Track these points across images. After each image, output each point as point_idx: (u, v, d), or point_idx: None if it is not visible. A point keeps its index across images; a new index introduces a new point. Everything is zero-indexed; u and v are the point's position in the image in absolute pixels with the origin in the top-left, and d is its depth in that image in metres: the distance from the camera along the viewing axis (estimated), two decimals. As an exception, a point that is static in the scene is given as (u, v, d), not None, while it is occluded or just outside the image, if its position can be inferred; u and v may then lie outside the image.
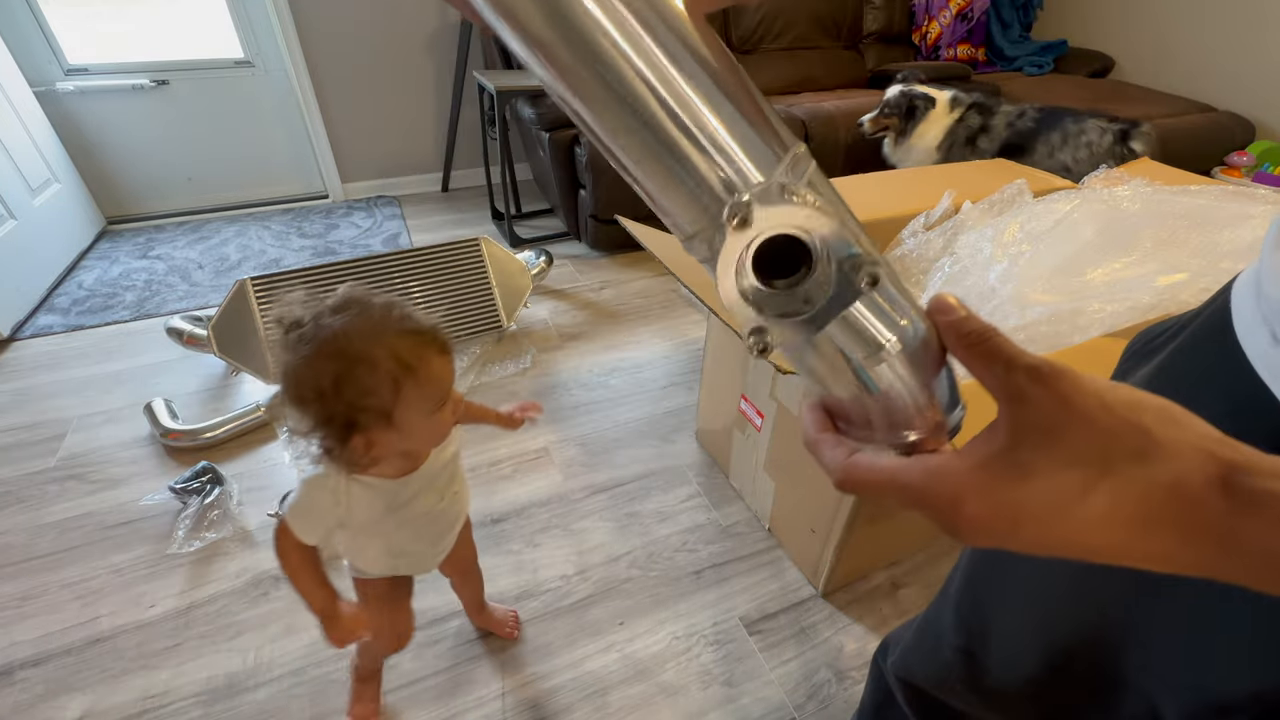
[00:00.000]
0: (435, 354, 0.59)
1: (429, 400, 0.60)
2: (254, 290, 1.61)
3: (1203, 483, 0.19)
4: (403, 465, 0.69)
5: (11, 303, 1.94)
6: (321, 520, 0.67)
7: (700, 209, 0.22)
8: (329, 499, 0.65)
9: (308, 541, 0.67)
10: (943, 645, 0.56)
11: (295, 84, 2.59)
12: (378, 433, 0.60)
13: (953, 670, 0.55)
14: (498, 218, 2.69)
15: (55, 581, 1.18)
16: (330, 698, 1.01)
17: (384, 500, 0.68)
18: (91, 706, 0.99)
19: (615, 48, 0.20)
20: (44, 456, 1.46)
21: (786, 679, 1.05)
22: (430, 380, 0.59)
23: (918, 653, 0.62)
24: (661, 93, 0.21)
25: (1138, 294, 0.95)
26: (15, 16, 2.25)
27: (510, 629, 1.09)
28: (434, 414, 0.62)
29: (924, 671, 0.62)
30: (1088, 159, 1.96)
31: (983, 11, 3.14)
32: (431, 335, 0.59)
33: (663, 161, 0.22)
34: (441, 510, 0.76)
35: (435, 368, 0.59)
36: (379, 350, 0.56)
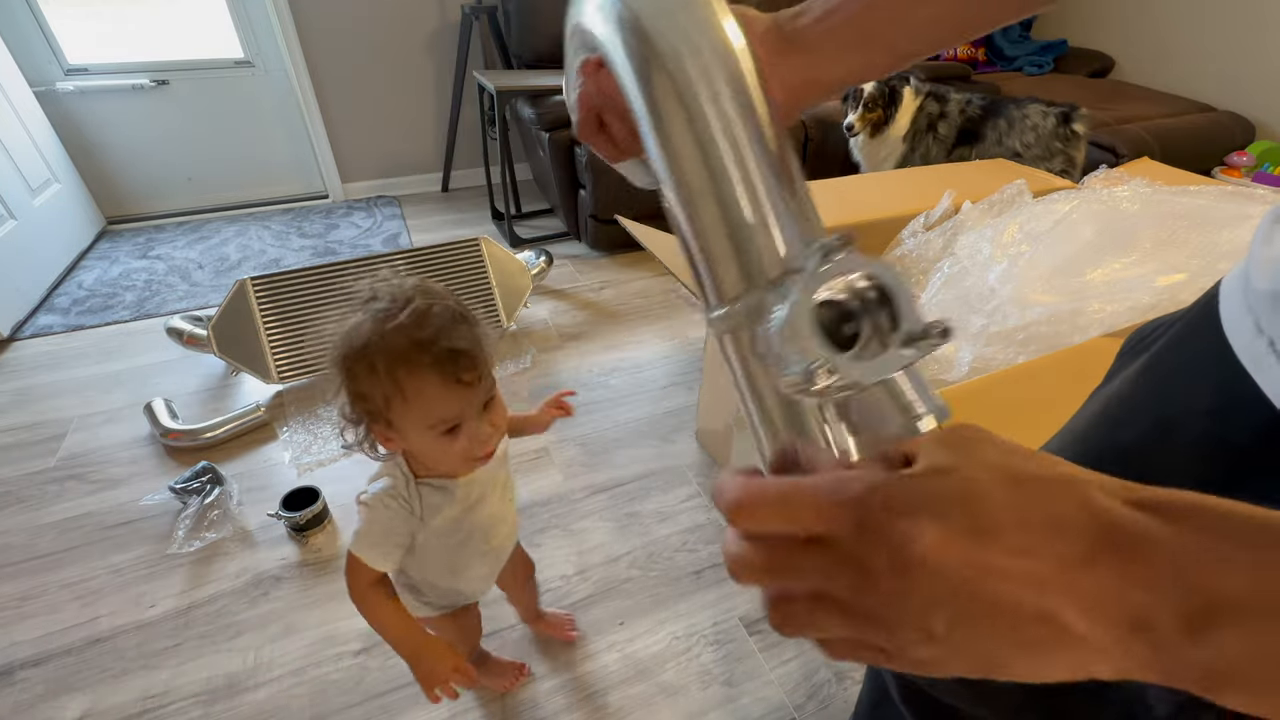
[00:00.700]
0: (434, 378, 0.55)
1: (421, 420, 0.57)
2: (254, 290, 1.61)
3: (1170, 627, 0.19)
4: (466, 467, 0.66)
5: (11, 303, 1.94)
6: (394, 537, 0.64)
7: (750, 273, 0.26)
8: (401, 512, 0.63)
9: (382, 568, 0.64)
10: None
11: (295, 84, 2.59)
12: (382, 430, 0.60)
13: None
14: (498, 218, 2.69)
15: (55, 581, 1.18)
16: (330, 698, 1.01)
17: (458, 504, 0.67)
18: (91, 706, 0.99)
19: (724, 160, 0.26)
20: (44, 456, 1.46)
21: (786, 679, 1.05)
22: (420, 402, 0.56)
23: None
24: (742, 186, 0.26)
25: (1137, 294, 0.95)
26: (15, 16, 2.25)
27: (569, 631, 1.08)
28: (439, 435, 0.58)
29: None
30: (1035, 142, 1.99)
31: (982, 11, 3.14)
32: (434, 354, 0.55)
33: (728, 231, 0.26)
34: (503, 515, 0.74)
35: (428, 385, 0.55)
36: (381, 359, 0.55)
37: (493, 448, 0.62)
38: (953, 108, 2.12)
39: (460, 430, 0.59)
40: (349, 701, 1.00)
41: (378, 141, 2.86)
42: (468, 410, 0.58)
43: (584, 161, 2.18)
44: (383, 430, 0.60)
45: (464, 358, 0.56)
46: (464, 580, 0.78)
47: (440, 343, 0.55)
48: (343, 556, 1.25)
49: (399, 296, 0.57)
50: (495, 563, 0.81)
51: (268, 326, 1.62)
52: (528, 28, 2.43)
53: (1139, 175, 1.37)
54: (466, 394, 0.57)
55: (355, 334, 0.56)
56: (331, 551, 1.25)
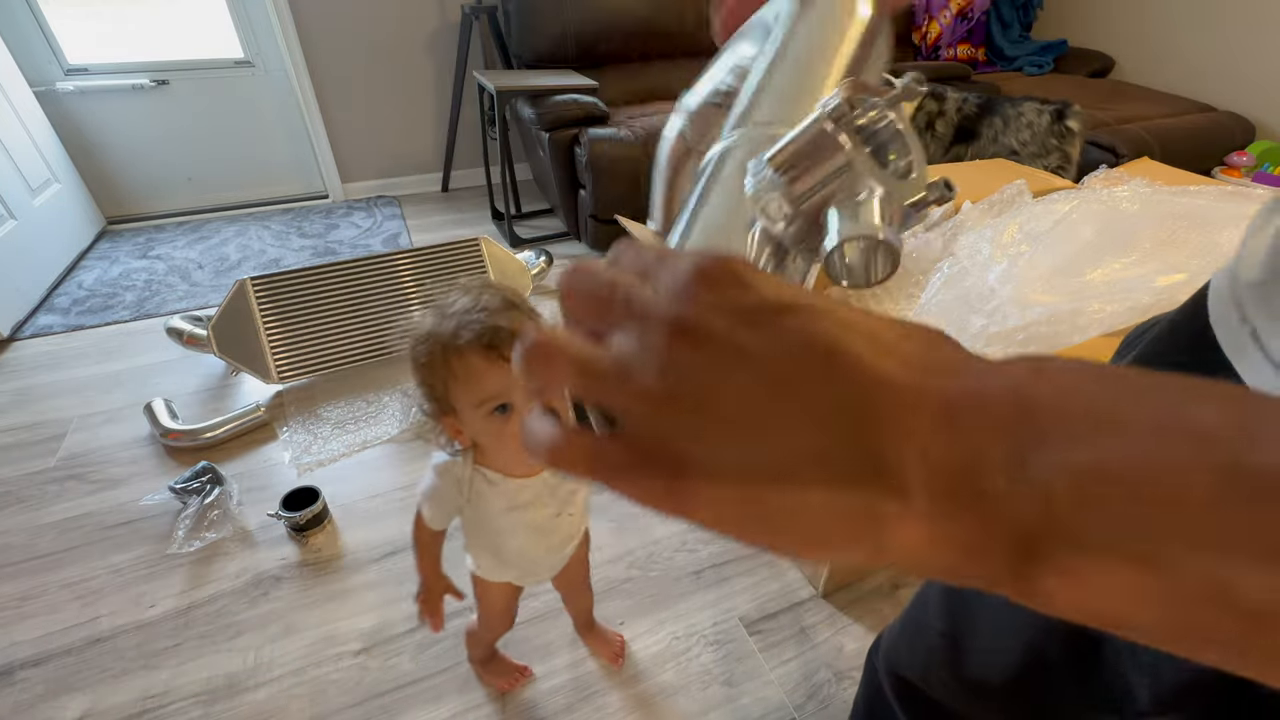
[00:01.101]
0: (475, 352, 0.59)
1: (469, 397, 0.61)
2: (254, 290, 1.61)
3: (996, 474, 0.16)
4: (522, 466, 0.69)
5: (11, 303, 1.94)
6: (445, 506, 0.71)
7: None
8: (453, 486, 0.69)
9: (434, 528, 0.74)
10: (927, 630, 0.57)
11: (295, 84, 2.59)
12: (451, 421, 0.65)
13: (936, 656, 0.55)
14: (498, 218, 2.69)
15: (55, 581, 1.18)
16: (330, 698, 1.01)
17: (503, 499, 0.71)
18: (91, 706, 0.99)
19: None
20: (44, 456, 1.46)
21: (786, 679, 1.05)
22: (466, 376, 0.60)
23: (904, 641, 0.63)
24: None
25: (1137, 294, 0.95)
26: (15, 16, 2.25)
27: (617, 655, 1.06)
28: (490, 415, 0.62)
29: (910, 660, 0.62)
30: (1031, 139, 2.00)
31: (983, 11, 3.14)
32: (478, 333, 0.59)
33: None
34: (554, 527, 0.77)
35: (472, 364, 0.60)
36: (436, 345, 0.61)
37: None
38: (950, 106, 2.13)
39: (511, 412, 0.62)
40: (349, 701, 1.00)
41: (378, 141, 2.86)
42: (514, 389, 0.61)
43: (584, 161, 2.18)
44: (451, 422, 0.65)
45: (505, 334, 0.59)
46: (506, 568, 0.83)
47: (486, 321, 0.59)
48: (342, 556, 1.25)
49: (457, 295, 0.63)
50: (536, 568, 0.84)
51: (268, 326, 1.62)
52: (528, 28, 2.43)
53: (1139, 175, 1.37)
54: (509, 369, 0.58)
55: (419, 332, 0.62)
56: (332, 551, 1.25)
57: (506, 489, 0.70)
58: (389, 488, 1.39)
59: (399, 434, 1.53)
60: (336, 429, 1.54)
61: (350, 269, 1.72)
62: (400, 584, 1.18)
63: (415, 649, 1.08)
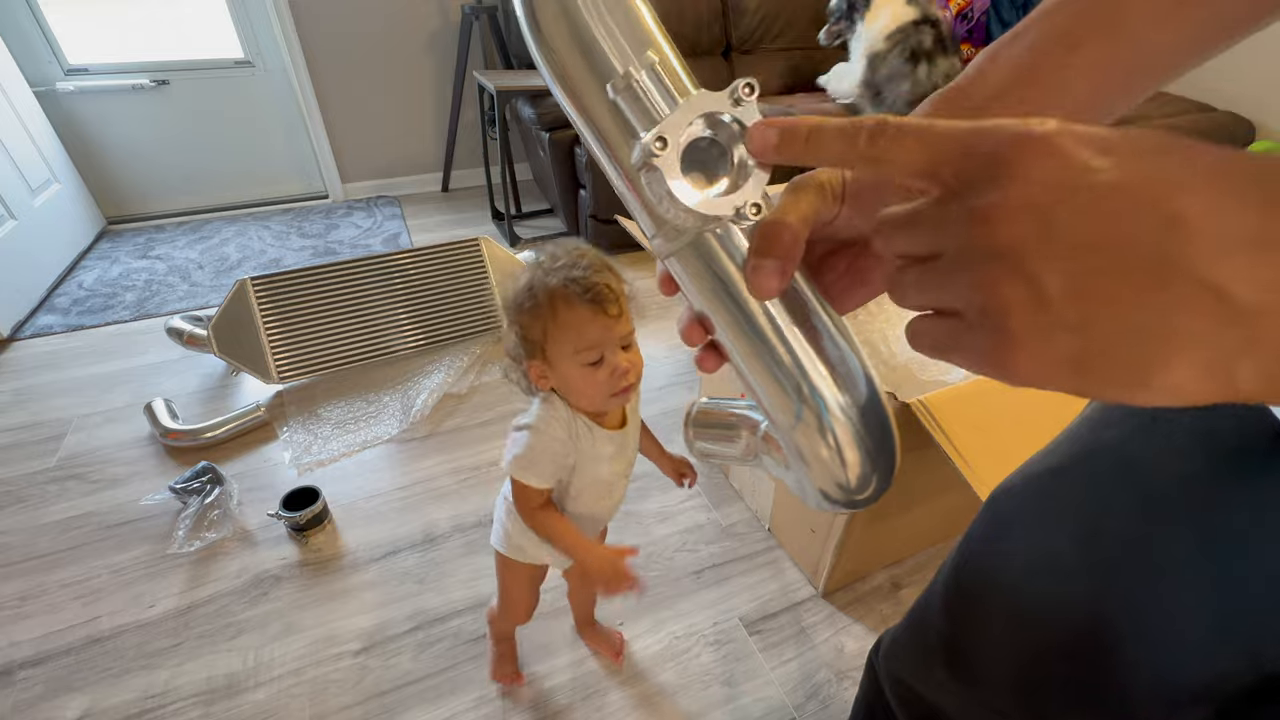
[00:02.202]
0: (583, 303, 0.63)
1: (570, 344, 0.65)
2: (254, 290, 1.61)
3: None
4: (606, 416, 0.73)
5: (11, 303, 1.94)
6: (554, 457, 0.70)
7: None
8: (562, 429, 0.70)
9: (544, 486, 0.71)
10: (929, 632, 0.56)
11: (295, 84, 2.59)
12: (539, 363, 0.68)
13: (937, 657, 0.55)
14: (498, 218, 2.69)
15: (55, 581, 1.18)
16: (330, 698, 1.01)
17: (595, 447, 0.72)
18: (91, 706, 0.99)
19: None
20: (44, 456, 1.46)
21: (786, 679, 1.05)
22: (570, 324, 0.64)
23: (906, 643, 0.63)
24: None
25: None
26: (15, 16, 2.25)
27: (617, 652, 1.07)
28: (584, 364, 0.66)
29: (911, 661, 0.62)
30: None
31: (983, 11, 3.14)
32: (585, 286, 0.63)
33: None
34: (615, 488, 0.79)
35: (579, 313, 0.64)
36: (542, 293, 0.65)
37: (630, 383, 0.69)
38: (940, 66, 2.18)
39: (603, 362, 0.66)
40: (349, 701, 1.00)
41: (378, 141, 2.87)
42: (610, 341, 0.66)
43: (584, 162, 2.18)
44: (539, 366, 0.68)
45: (610, 292, 0.64)
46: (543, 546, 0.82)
47: (591, 278, 0.64)
48: (342, 556, 1.25)
49: (559, 252, 0.67)
50: (595, 524, 0.85)
51: (268, 326, 1.62)
52: (528, 28, 2.43)
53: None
54: (610, 324, 0.65)
55: (523, 282, 0.66)
56: (332, 551, 1.25)
57: (600, 436, 0.72)
58: (389, 488, 1.39)
59: (399, 434, 1.53)
60: (336, 429, 1.54)
61: (350, 269, 1.72)
62: (400, 584, 1.18)
63: (415, 649, 1.08)
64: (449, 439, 1.52)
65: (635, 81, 0.25)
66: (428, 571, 1.20)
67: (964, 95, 0.29)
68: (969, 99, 0.28)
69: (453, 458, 1.47)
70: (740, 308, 0.27)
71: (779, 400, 0.28)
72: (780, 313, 0.27)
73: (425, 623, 1.11)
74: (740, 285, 0.27)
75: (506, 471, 0.71)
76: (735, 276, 0.27)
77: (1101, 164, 0.16)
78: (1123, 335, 0.16)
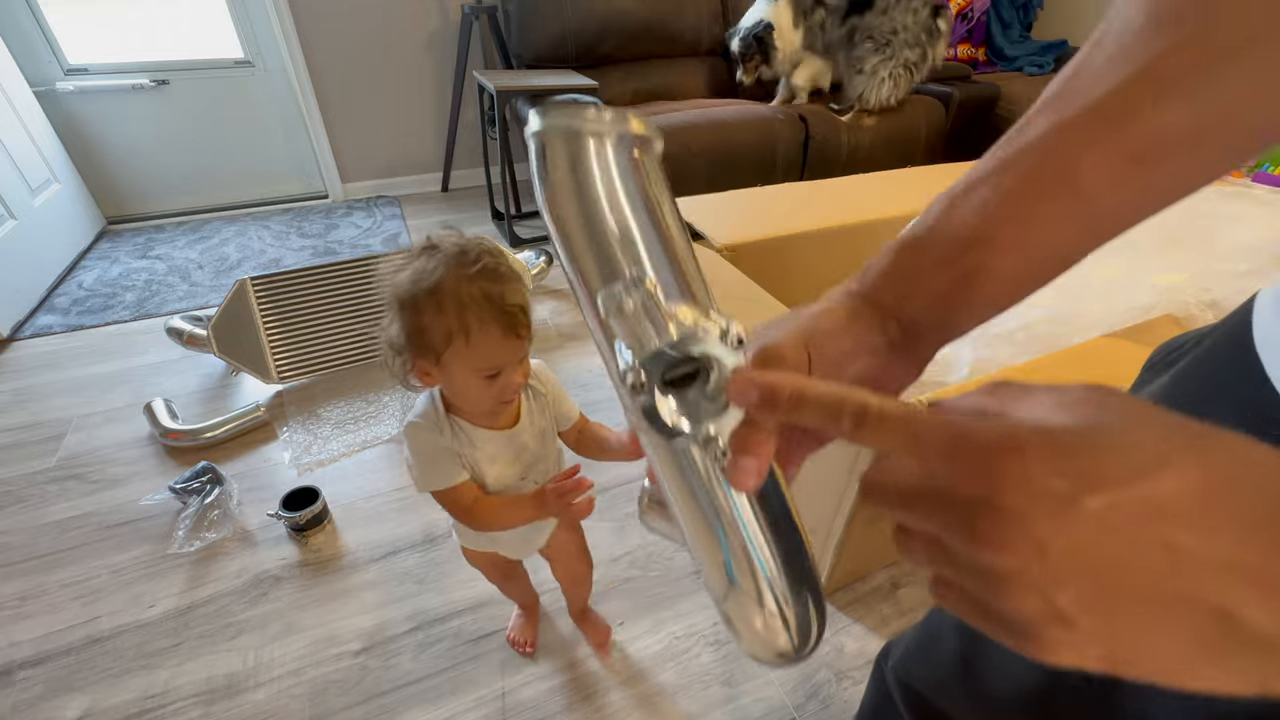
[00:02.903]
0: (498, 329, 0.61)
1: (474, 363, 0.63)
2: (254, 290, 1.61)
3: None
4: (486, 419, 0.71)
5: (11, 302, 1.94)
6: (440, 454, 0.69)
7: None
8: (434, 429, 0.69)
9: (456, 481, 0.70)
10: (942, 646, 0.56)
11: (295, 84, 2.59)
12: (428, 363, 0.64)
13: (951, 674, 0.55)
14: (498, 218, 2.69)
15: (55, 581, 1.18)
16: (330, 698, 1.01)
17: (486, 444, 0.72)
18: (91, 706, 0.99)
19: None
20: (44, 456, 1.46)
21: (786, 679, 1.05)
22: (482, 348, 0.62)
23: (919, 656, 0.62)
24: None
25: (1136, 294, 0.95)
26: (15, 16, 2.25)
27: (603, 644, 1.08)
28: (482, 378, 0.64)
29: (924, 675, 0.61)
30: (908, 26, 2.23)
31: (983, 11, 3.14)
32: (504, 313, 0.61)
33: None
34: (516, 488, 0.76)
35: (492, 340, 0.61)
36: (452, 303, 0.60)
37: (516, 395, 0.69)
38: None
39: (499, 377, 0.64)
40: (349, 701, 1.00)
41: (378, 141, 2.87)
42: (512, 360, 0.65)
43: (584, 161, 2.17)
44: (426, 365, 0.64)
45: (523, 314, 0.62)
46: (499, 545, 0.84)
47: (509, 299, 0.61)
48: (342, 556, 1.26)
49: (469, 249, 0.62)
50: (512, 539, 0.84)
51: (267, 326, 1.62)
52: (528, 28, 2.43)
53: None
54: (518, 346, 0.64)
55: (427, 274, 0.61)
56: (332, 551, 1.25)
57: (479, 436, 0.71)
58: (389, 488, 1.39)
59: (399, 434, 1.53)
60: (336, 429, 1.54)
61: (350, 269, 1.72)
62: (400, 584, 1.18)
63: (415, 649, 1.08)
64: (449, 439, 1.52)
65: (626, 302, 0.26)
66: (428, 571, 1.20)
67: (922, 249, 0.29)
68: (927, 254, 0.29)
69: (453, 458, 1.47)
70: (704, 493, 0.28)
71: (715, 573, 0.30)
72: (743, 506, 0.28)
73: (425, 623, 1.11)
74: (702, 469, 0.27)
75: (420, 491, 0.71)
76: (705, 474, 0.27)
77: (1093, 501, 0.17)
78: (1146, 647, 0.17)
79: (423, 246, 0.63)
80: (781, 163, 2.34)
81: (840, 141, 2.41)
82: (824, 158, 2.42)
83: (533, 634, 1.08)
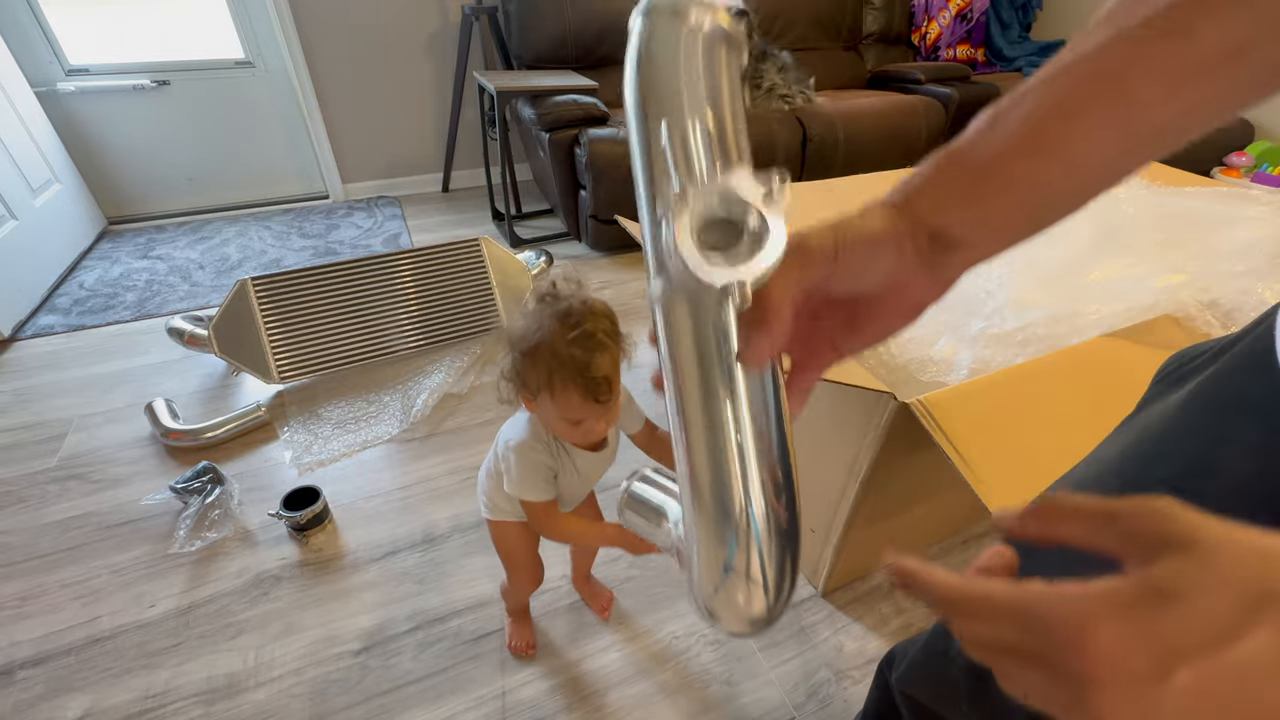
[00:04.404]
0: (579, 394, 0.68)
1: (558, 413, 0.71)
2: (254, 290, 1.61)
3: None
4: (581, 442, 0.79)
5: (12, 302, 1.94)
6: (543, 471, 0.78)
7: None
8: (544, 452, 0.77)
9: (547, 498, 0.78)
10: (949, 662, 0.56)
11: (295, 84, 2.60)
12: (529, 399, 0.74)
13: (958, 688, 0.55)
14: (498, 218, 2.69)
15: (55, 581, 1.18)
16: (330, 698, 1.01)
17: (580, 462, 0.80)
18: (92, 706, 1.00)
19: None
20: (44, 456, 1.46)
21: (786, 679, 1.05)
22: (563, 401, 0.69)
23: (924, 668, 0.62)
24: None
25: (1136, 295, 0.95)
26: (16, 16, 2.25)
27: (604, 609, 1.14)
28: (568, 422, 0.72)
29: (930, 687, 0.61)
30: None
31: (982, 12, 3.14)
32: (588, 381, 0.67)
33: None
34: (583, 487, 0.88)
35: (573, 401, 0.68)
36: (547, 359, 0.68)
37: (601, 438, 0.78)
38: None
39: (582, 424, 0.72)
40: (349, 701, 1.01)
41: (378, 142, 2.87)
42: (593, 416, 0.72)
43: (584, 162, 2.18)
44: (529, 399, 0.74)
45: (605, 384, 0.68)
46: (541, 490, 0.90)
47: (593, 371, 0.67)
48: (343, 556, 1.26)
49: (575, 310, 0.68)
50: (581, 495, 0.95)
51: (268, 326, 1.62)
52: (528, 28, 2.43)
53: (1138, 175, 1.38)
54: (599, 411, 0.71)
55: (537, 330, 0.68)
56: (332, 551, 1.25)
57: (577, 454, 0.80)
58: (389, 488, 1.39)
59: (399, 434, 1.53)
60: (337, 429, 1.54)
61: (351, 269, 1.73)
62: (400, 584, 1.18)
63: (415, 649, 1.08)
64: (449, 439, 1.53)
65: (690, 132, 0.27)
66: (428, 571, 1.21)
67: (963, 159, 0.28)
68: (969, 163, 0.28)
69: (453, 458, 1.47)
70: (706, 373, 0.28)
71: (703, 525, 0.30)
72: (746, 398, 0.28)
73: (425, 623, 1.12)
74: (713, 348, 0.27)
75: (510, 494, 0.79)
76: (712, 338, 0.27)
77: (1182, 677, 0.17)
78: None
79: (543, 293, 0.71)
80: (781, 163, 2.34)
81: (838, 141, 2.41)
82: (822, 158, 2.43)
83: (530, 635, 1.09)
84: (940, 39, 3.09)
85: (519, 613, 1.10)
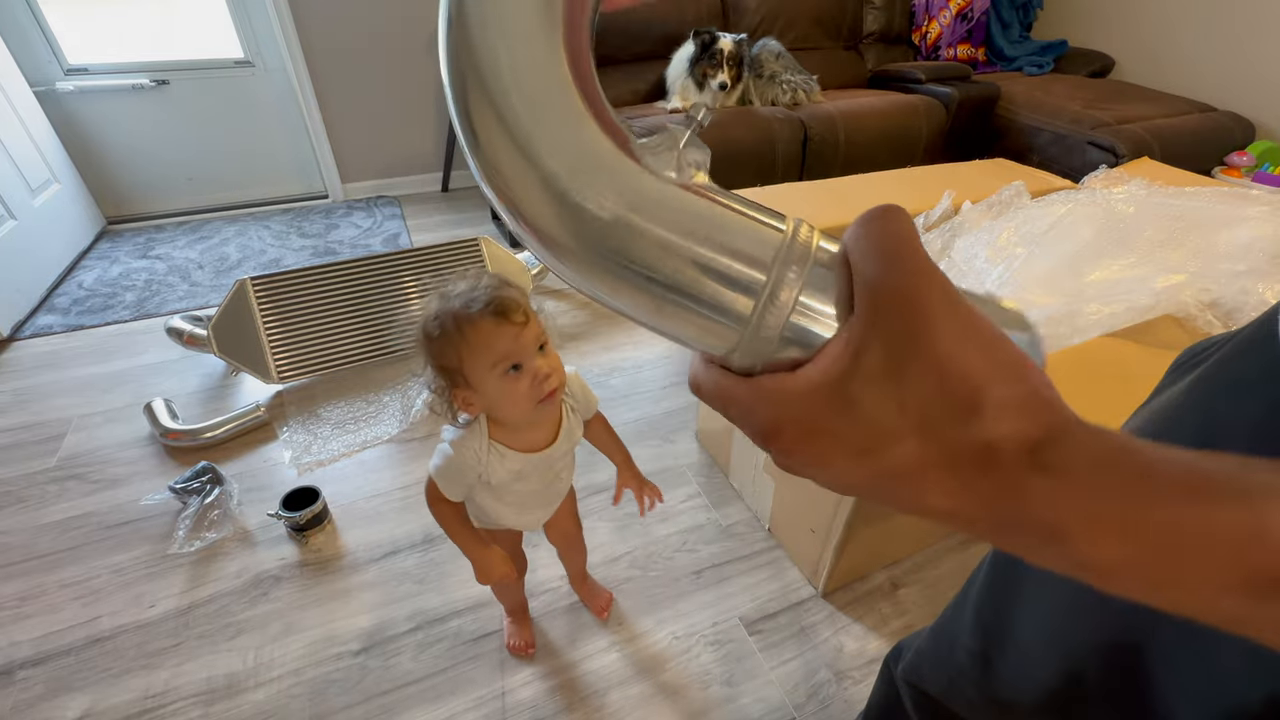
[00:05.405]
0: (487, 317, 0.65)
1: (484, 359, 0.67)
2: (254, 290, 1.61)
3: (1013, 450, 0.18)
4: (527, 441, 0.78)
5: (12, 302, 1.94)
6: (463, 476, 0.76)
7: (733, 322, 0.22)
8: (471, 456, 0.75)
9: (453, 498, 0.77)
10: (957, 647, 0.56)
11: (295, 84, 2.59)
12: (463, 390, 0.70)
13: (965, 674, 0.55)
14: (497, 218, 2.69)
15: (55, 581, 1.18)
16: (330, 698, 1.01)
17: (508, 472, 0.78)
18: (91, 706, 1.00)
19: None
20: (44, 456, 1.46)
21: (786, 679, 1.05)
22: (480, 341, 0.66)
23: (931, 656, 0.62)
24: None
25: (1136, 295, 0.95)
26: (15, 16, 2.25)
27: (603, 609, 1.14)
28: (503, 375, 0.68)
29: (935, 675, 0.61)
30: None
31: (982, 11, 3.14)
32: (485, 301, 0.66)
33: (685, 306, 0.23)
34: (542, 492, 0.86)
35: (485, 328, 0.66)
36: (448, 320, 0.67)
37: (553, 387, 0.71)
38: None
39: (522, 369, 0.68)
40: (349, 701, 1.01)
41: (378, 141, 2.87)
42: (523, 348, 0.68)
43: (584, 162, 2.17)
44: (463, 393, 0.70)
45: (509, 302, 0.66)
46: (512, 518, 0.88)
47: (491, 294, 0.66)
48: (342, 556, 1.26)
49: (457, 283, 0.70)
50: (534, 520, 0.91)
51: (268, 326, 1.62)
52: (528, 28, 2.43)
53: (1139, 175, 1.37)
54: (519, 332, 0.67)
55: (428, 313, 0.68)
56: (332, 551, 1.25)
57: (511, 457, 0.77)
58: (389, 488, 1.39)
59: (399, 434, 1.53)
60: (336, 429, 1.54)
61: (350, 269, 1.72)
62: (400, 584, 1.18)
63: (415, 649, 1.08)
64: (449, 439, 1.53)
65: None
66: (428, 572, 1.20)
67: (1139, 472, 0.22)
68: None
69: (453, 458, 1.47)
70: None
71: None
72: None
73: (425, 623, 1.12)
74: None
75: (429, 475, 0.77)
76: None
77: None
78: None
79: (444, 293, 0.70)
80: (781, 163, 2.34)
81: (838, 142, 2.41)
82: (823, 158, 2.42)
83: (529, 635, 1.09)
84: (941, 38, 3.09)
85: (517, 612, 1.10)
